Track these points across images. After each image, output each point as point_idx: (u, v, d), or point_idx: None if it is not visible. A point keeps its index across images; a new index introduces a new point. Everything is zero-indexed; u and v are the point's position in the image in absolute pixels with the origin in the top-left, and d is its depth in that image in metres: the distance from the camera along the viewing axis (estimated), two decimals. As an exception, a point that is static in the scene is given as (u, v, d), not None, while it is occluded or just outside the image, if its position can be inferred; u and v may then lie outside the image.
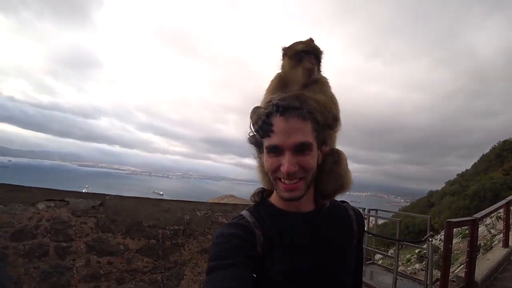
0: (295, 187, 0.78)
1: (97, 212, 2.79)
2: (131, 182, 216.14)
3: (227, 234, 0.77)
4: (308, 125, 0.79)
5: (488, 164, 34.83)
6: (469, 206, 20.78)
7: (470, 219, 4.28)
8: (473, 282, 4.15)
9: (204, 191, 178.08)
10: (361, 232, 0.97)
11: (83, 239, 2.74)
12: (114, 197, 2.85)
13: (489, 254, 5.80)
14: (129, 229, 2.85)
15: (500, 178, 23.80)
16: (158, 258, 2.93)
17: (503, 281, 4.83)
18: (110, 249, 2.79)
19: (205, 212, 3.15)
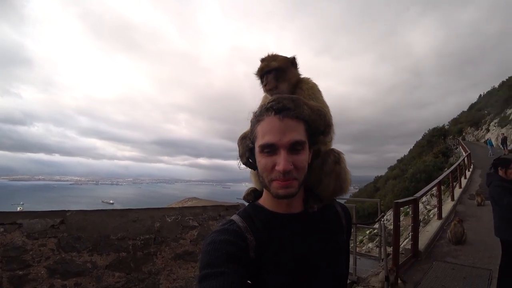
0: (291, 183, 0.77)
1: (58, 231, 2.57)
2: (76, 193, 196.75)
3: (218, 241, 0.75)
4: (301, 125, 0.80)
5: (421, 149, 39.48)
6: (408, 187, 23.33)
7: (412, 199, 4.90)
8: (418, 252, 4.78)
9: (158, 196, 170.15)
10: (349, 226, 0.99)
11: (43, 263, 2.51)
12: (76, 212, 2.65)
13: (428, 226, 6.69)
14: (96, 245, 2.68)
15: (431, 161, 27.15)
16: (130, 270, 2.81)
17: (440, 247, 5.64)
18: (76, 270, 2.60)
19: (175, 218, 3.11)
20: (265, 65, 1.14)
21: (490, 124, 32.35)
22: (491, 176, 3.54)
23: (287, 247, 0.80)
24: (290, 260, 0.79)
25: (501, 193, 3.26)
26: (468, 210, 8.66)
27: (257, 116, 0.83)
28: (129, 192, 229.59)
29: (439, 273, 4.44)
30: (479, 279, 4.16)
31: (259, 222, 0.83)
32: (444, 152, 30.61)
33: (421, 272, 4.51)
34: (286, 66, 1.13)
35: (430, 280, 4.20)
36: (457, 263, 4.82)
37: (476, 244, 5.66)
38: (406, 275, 4.35)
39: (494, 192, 3.37)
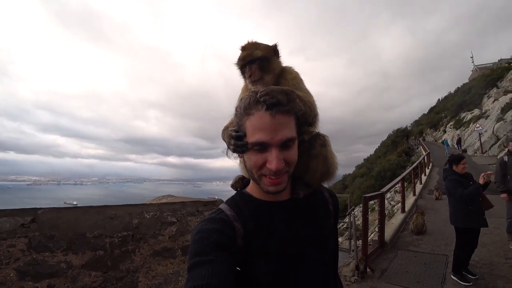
0: (281, 180, 0.77)
1: (29, 231, 2.45)
2: (34, 195, 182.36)
3: (206, 230, 0.75)
4: (292, 120, 0.79)
5: (386, 148, 41.89)
6: (375, 185, 24.70)
7: (379, 193, 5.26)
8: (384, 242, 5.14)
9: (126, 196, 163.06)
10: (337, 211, 0.99)
11: (12, 265, 2.37)
12: (49, 210, 2.54)
13: (392, 219, 7.18)
14: (71, 244, 2.59)
15: (395, 160, 28.96)
16: (107, 269, 2.75)
17: (403, 238, 6.11)
18: (49, 270, 2.49)
19: (154, 214, 3.08)
20: (248, 54, 1.05)
21: (447, 126, 35.11)
22: (446, 171, 3.93)
23: (275, 235, 0.80)
24: (278, 247, 0.79)
25: (454, 186, 3.65)
26: (427, 203, 9.40)
27: (245, 109, 0.77)
28: (95, 193, 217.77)
29: (403, 261, 4.82)
30: (437, 264, 4.59)
31: (246, 211, 0.83)
32: (406, 151, 32.77)
33: (387, 260, 4.86)
34: (270, 55, 1.06)
35: (396, 267, 4.56)
36: (418, 251, 5.27)
37: (434, 233, 6.21)
38: (374, 263, 4.67)
39: (449, 185, 3.75)
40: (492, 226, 6.16)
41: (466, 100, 35.49)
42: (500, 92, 27.81)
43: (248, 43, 1.08)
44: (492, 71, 36.85)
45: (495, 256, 4.79)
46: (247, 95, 0.79)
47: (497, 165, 5.13)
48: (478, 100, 32.61)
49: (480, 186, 3.58)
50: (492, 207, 3.75)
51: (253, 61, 1.03)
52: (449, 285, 3.90)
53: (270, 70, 1.04)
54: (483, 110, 29.13)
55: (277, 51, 1.10)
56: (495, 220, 6.27)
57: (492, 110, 26.41)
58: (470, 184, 3.67)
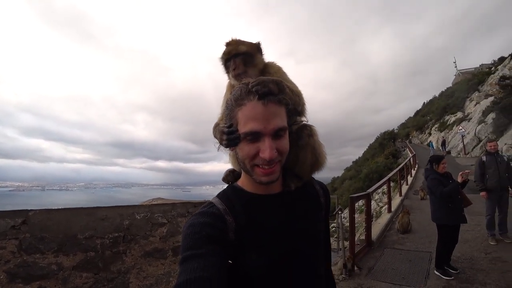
0: (274, 170, 0.78)
1: (19, 232, 2.46)
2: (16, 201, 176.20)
3: (197, 224, 0.75)
4: (283, 110, 0.79)
5: (374, 151, 42.69)
6: (363, 187, 25.10)
7: (365, 194, 5.43)
8: (371, 241, 5.29)
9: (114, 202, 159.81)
10: (328, 204, 1.01)
11: (3, 267, 2.37)
12: (39, 211, 2.55)
13: (379, 219, 7.38)
14: (62, 245, 2.60)
15: (382, 162, 29.57)
16: (98, 270, 2.77)
17: (390, 237, 6.28)
18: (40, 272, 2.50)
19: (145, 215, 3.12)
20: (233, 48, 1.09)
21: (432, 129, 36.12)
22: (427, 171, 4.13)
23: (267, 228, 0.81)
24: (270, 241, 0.79)
25: (435, 185, 3.84)
26: (413, 203, 9.67)
27: (237, 100, 0.78)
28: (81, 198, 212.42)
29: (389, 258, 4.97)
30: (421, 260, 4.76)
31: (238, 204, 0.83)
32: (393, 153, 33.49)
33: (374, 258, 5.01)
34: (254, 52, 1.11)
35: (382, 265, 4.70)
36: (404, 249, 5.44)
37: (419, 232, 6.41)
38: (361, 262, 4.80)
39: (430, 184, 3.94)
40: (474, 223, 6.45)
41: (449, 103, 36.65)
42: (482, 96, 28.86)
43: (232, 39, 1.12)
44: (473, 75, 38.22)
45: (476, 251, 5.01)
46: (238, 87, 0.80)
47: (476, 165, 5.38)
48: (461, 104, 33.73)
49: (459, 185, 3.78)
50: (470, 204, 3.95)
51: (237, 56, 1.07)
52: (433, 280, 4.06)
53: (254, 65, 1.08)
54: (466, 113, 30.17)
55: (260, 49, 1.14)
56: (476, 218, 6.55)
57: (474, 113, 27.38)
58: (450, 183, 3.87)
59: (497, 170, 5.03)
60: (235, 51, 1.07)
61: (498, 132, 19.99)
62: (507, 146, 16.84)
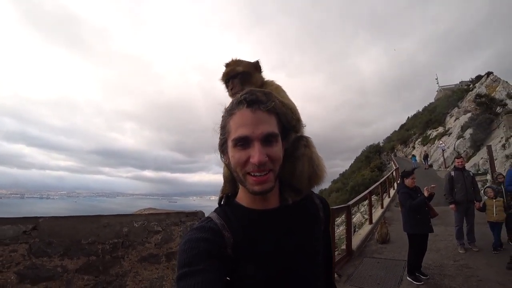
0: (266, 179, 0.77)
1: (30, 237, 2.70)
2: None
3: (195, 239, 0.75)
4: (273, 118, 0.81)
5: (360, 164, 43.58)
6: (349, 199, 25.54)
7: (345, 206, 5.85)
8: (351, 251, 5.66)
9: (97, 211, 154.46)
10: (328, 218, 1.00)
11: (13, 269, 2.60)
12: (49, 218, 2.81)
13: (360, 230, 7.79)
14: (67, 250, 2.86)
15: (368, 175, 30.31)
16: (99, 273, 3.02)
17: (369, 247, 6.69)
18: (47, 274, 2.74)
19: (142, 223, 3.39)
20: (231, 69, 1.14)
21: (415, 142, 37.42)
22: (399, 186, 4.59)
23: (264, 244, 0.80)
24: (268, 257, 0.79)
25: (405, 198, 4.29)
26: (394, 215, 10.16)
27: (229, 111, 0.82)
28: (62, 207, 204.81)
29: (367, 267, 5.35)
30: (396, 268, 5.17)
31: (235, 220, 0.83)
32: (379, 166, 34.37)
33: (353, 267, 5.37)
34: (251, 70, 1.15)
35: (360, 272, 5.07)
36: (381, 257, 5.85)
37: (397, 242, 6.84)
38: (341, 270, 5.16)
39: (401, 197, 4.39)
40: (447, 234, 6.95)
41: (432, 118, 38.18)
42: (461, 112, 30.31)
43: (231, 60, 1.18)
44: (453, 92, 40.13)
45: (445, 259, 5.45)
46: (232, 100, 0.84)
47: (445, 180, 5.90)
48: (442, 119, 35.25)
49: (425, 198, 4.24)
50: (436, 215, 4.40)
51: (235, 76, 1.13)
52: (405, 285, 4.45)
53: (251, 83, 1.11)
54: (447, 128, 31.54)
55: (259, 67, 1.19)
56: (449, 228, 7.06)
57: (453, 128, 28.69)
58: (418, 196, 4.33)
59: (464, 184, 5.56)
60: (233, 72, 1.14)
61: (475, 147, 21.09)
62: (483, 160, 17.78)
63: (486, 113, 22.31)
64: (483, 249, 5.73)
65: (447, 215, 7.56)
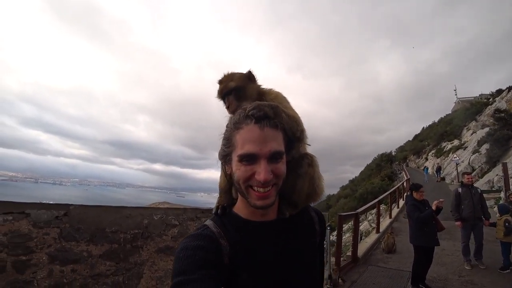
0: (268, 194, 0.78)
1: (61, 222, 2.96)
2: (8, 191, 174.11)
3: (191, 247, 0.75)
4: (280, 134, 0.81)
5: (370, 171, 43.09)
6: (357, 206, 25.40)
7: (353, 213, 5.96)
8: (357, 258, 5.76)
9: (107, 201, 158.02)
10: (323, 230, 1.01)
11: (45, 250, 2.86)
12: (78, 206, 3.07)
13: (367, 238, 7.84)
14: (92, 236, 3.11)
15: (378, 183, 29.95)
16: (119, 260, 3.26)
17: (375, 255, 6.76)
18: (74, 257, 2.99)
19: (161, 216, 3.63)
20: (224, 86, 1.13)
21: (429, 154, 36.73)
22: (407, 197, 4.67)
23: (261, 254, 0.81)
24: (265, 267, 0.80)
25: (412, 210, 4.37)
26: (402, 226, 10.12)
27: (235, 123, 0.80)
28: (74, 194, 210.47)
29: (372, 274, 5.44)
30: (400, 278, 5.24)
31: (232, 229, 0.84)
32: (390, 176, 33.91)
33: (358, 273, 5.47)
34: (245, 83, 1.13)
35: (364, 279, 5.17)
36: (386, 267, 5.92)
37: (403, 253, 6.87)
38: (346, 275, 5.27)
39: (408, 209, 4.48)
40: (454, 249, 6.94)
41: (447, 130, 37.38)
42: (478, 126, 29.60)
43: (224, 76, 1.16)
44: (472, 104, 39.12)
45: (451, 273, 5.48)
46: (237, 112, 0.83)
47: (452, 196, 5.90)
48: (459, 132, 34.46)
49: (433, 212, 4.31)
50: (443, 229, 4.47)
51: (229, 93, 1.11)
52: (407, 296, 4.53)
53: (247, 96, 1.09)
54: (462, 141, 30.84)
55: (252, 77, 1.16)
56: (457, 244, 7.02)
57: (470, 142, 28.04)
58: (426, 209, 4.40)
59: (471, 201, 5.55)
60: (226, 89, 1.12)
61: (491, 163, 20.58)
62: (498, 177, 17.38)
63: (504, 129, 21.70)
64: (490, 267, 5.70)
65: (456, 230, 7.51)
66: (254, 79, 1.16)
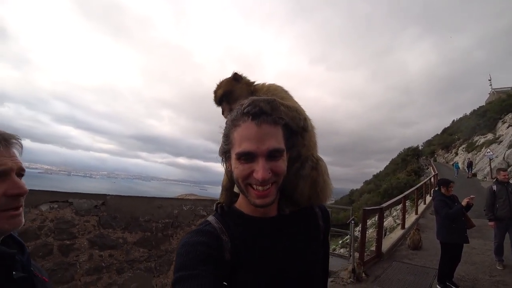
0: (268, 193, 0.77)
1: (99, 211, 3.21)
2: (44, 183, 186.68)
3: (192, 243, 0.75)
4: (279, 130, 0.79)
5: (396, 166, 41.75)
6: (381, 202, 24.76)
7: (378, 208, 5.87)
8: (380, 253, 5.70)
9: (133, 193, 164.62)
10: (327, 226, 0.99)
11: (86, 236, 3.13)
12: (114, 196, 3.30)
13: (391, 234, 7.71)
14: (127, 225, 3.34)
15: (404, 178, 28.98)
16: (151, 248, 3.48)
17: (400, 251, 6.64)
18: (111, 243, 3.24)
19: (190, 207, 3.81)
20: (215, 96, 1.16)
21: (459, 149, 34.88)
22: (435, 193, 4.54)
23: (262, 250, 0.80)
24: (264, 263, 0.79)
25: (441, 206, 4.25)
26: (429, 223, 9.80)
27: (233, 120, 0.80)
28: (103, 187, 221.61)
29: (396, 270, 5.36)
30: (426, 275, 5.13)
31: (233, 225, 0.84)
32: (416, 171, 32.67)
33: (382, 269, 5.42)
34: (231, 86, 1.14)
35: (388, 275, 5.11)
36: (411, 263, 5.80)
37: (429, 250, 6.68)
38: (369, 270, 5.24)
39: (436, 204, 4.36)
40: (485, 248, 6.66)
41: (480, 123, 35.26)
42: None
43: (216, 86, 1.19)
44: (508, 96, 36.52)
45: (481, 273, 5.27)
46: (235, 109, 0.82)
47: (486, 194, 5.58)
48: (493, 125, 32.36)
49: (463, 208, 4.16)
50: (473, 226, 4.30)
51: (221, 101, 1.14)
52: (434, 293, 4.45)
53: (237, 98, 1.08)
54: (497, 135, 28.98)
55: (238, 77, 1.17)
56: (489, 243, 6.72)
57: (505, 136, 26.28)
58: (455, 205, 4.26)
59: (508, 199, 5.25)
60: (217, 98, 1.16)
61: (529, 159, 19.25)
62: (536, 174, 16.26)
63: (545, 121, 20.15)
64: (525, 267, 5.45)
65: (487, 228, 7.18)
66: (240, 79, 1.17)
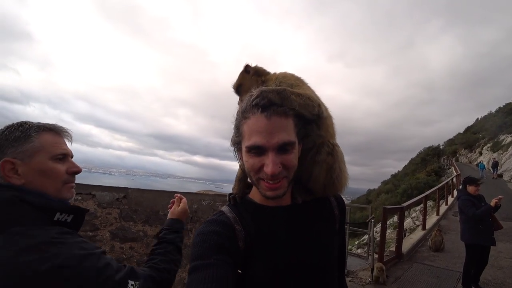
0: (279, 185, 0.76)
1: (121, 204, 3.29)
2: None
3: (206, 232, 0.76)
4: (290, 122, 0.76)
5: (415, 166, 40.50)
6: (400, 202, 24.16)
7: (399, 207, 5.71)
8: (400, 254, 5.54)
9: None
10: (343, 216, 0.97)
11: (108, 228, 3.22)
12: (135, 190, 3.38)
13: (412, 234, 7.48)
14: (148, 218, 3.41)
15: (423, 179, 28.06)
16: (170, 241, 3.54)
17: (421, 253, 6.44)
18: (132, 236, 3.32)
19: (209, 202, 3.84)
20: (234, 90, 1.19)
21: (483, 148, 33.37)
22: (460, 192, 4.34)
23: (275, 240, 0.80)
24: (278, 252, 0.79)
25: (467, 205, 4.06)
26: (451, 224, 9.44)
27: (243, 112, 0.78)
28: (121, 183, 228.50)
29: (417, 272, 5.20)
30: (449, 278, 4.93)
31: (247, 214, 0.84)
32: (436, 171, 31.54)
33: (402, 270, 5.27)
34: (243, 79, 1.16)
35: (409, 277, 4.96)
36: (433, 265, 5.60)
37: (452, 252, 6.44)
38: (389, 271, 5.10)
39: (462, 204, 4.17)
40: (515, 252, 6.33)
41: (507, 121, 33.56)
42: (546, 117, 26.12)
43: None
44: (539, 93, 34.45)
45: (509, 278, 5.01)
46: (245, 100, 0.79)
47: None
48: (521, 123, 30.77)
49: (491, 208, 3.96)
50: (501, 228, 4.08)
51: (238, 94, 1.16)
52: (458, 296, 4.27)
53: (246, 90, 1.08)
54: (525, 134, 27.49)
55: (248, 69, 1.17)
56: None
57: (535, 135, 24.91)
58: (482, 205, 4.06)
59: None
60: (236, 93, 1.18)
61: (562, 159, 18.11)
62: None
63: None
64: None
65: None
66: (250, 70, 1.17)
